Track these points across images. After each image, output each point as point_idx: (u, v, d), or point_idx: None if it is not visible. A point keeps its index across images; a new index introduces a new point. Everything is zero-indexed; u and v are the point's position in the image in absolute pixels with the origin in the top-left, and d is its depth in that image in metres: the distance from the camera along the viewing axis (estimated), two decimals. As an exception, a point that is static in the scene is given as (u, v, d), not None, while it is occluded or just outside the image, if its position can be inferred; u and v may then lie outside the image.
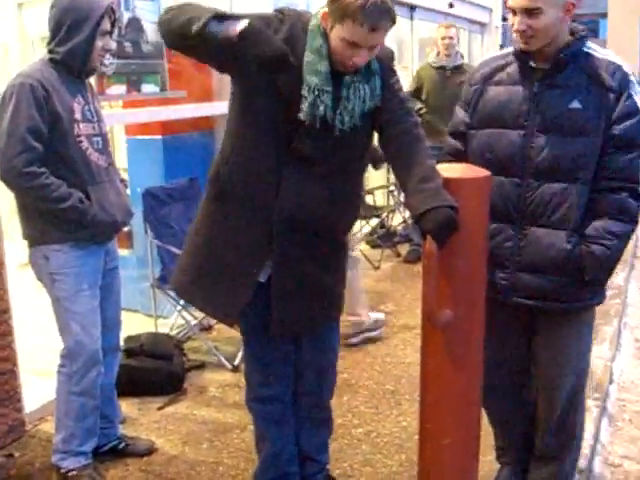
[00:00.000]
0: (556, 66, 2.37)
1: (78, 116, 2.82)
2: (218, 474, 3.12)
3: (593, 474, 3.22)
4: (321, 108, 2.18)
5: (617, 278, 5.76)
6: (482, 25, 11.58)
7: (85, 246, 2.88)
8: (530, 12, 2.28)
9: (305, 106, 2.19)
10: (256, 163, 2.30)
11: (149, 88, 4.22)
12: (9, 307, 3.37)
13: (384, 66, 2.31)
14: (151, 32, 4.20)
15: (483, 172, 2.24)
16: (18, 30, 6.05)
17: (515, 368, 2.71)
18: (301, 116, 2.19)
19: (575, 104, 2.34)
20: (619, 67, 2.36)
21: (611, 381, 4.12)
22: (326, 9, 2.16)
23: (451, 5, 9.47)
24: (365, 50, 2.13)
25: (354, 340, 4.53)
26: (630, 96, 2.33)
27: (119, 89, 4.03)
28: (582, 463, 3.07)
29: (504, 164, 2.41)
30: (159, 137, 4.68)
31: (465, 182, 2.16)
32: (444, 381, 2.30)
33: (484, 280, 2.28)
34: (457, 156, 2.57)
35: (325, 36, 2.18)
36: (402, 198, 5.71)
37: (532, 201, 2.41)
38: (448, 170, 2.21)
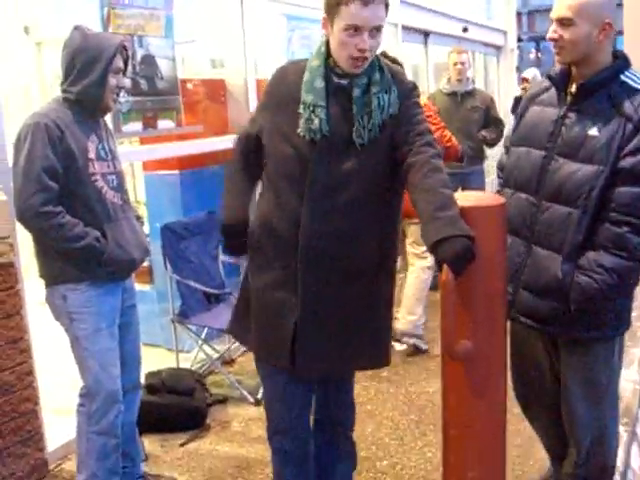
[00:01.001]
0: (582, 91, 2.39)
1: (92, 155, 2.84)
2: (242, 512, 3.09)
3: (624, 502, 3.15)
4: (315, 121, 2.25)
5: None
6: (497, 48, 11.59)
7: (103, 285, 2.88)
8: (563, 22, 2.34)
9: (302, 122, 2.27)
10: (280, 204, 2.35)
11: (165, 124, 4.25)
12: (30, 346, 3.37)
13: (402, 95, 2.33)
14: (165, 68, 4.24)
15: (498, 200, 2.21)
16: (37, 70, 6.13)
17: (539, 386, 2.74)
18: (299, 132, 2.27)
19: (593, 131, 2.35)
20: None
21: (640, 405, 4.04)
22: (324, 16, 2.26)
23: (465, 29, 9.50)
24: (366, 33, 2.17)
25: (403, 340, 4.86)
26: None
27: (135, 126, 4.06)
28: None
29: (524, 182, 2.51)
30: (176, 172, 4.70)
31: (481, 210, 2.13)
32: (466, 414, 2.25)
33: (504, 309, 2.24)
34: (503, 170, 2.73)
35: (325, 55, 2.30)
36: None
37: (541, 221, 2.47)
38: (464, 199, 2.18)
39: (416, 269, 4.94)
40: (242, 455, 3.56)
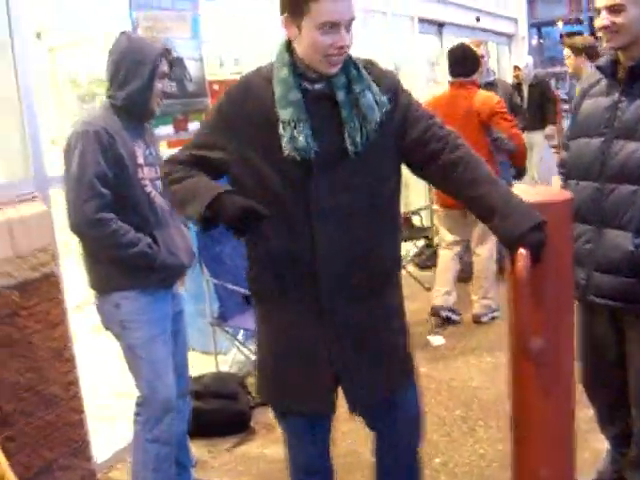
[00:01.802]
0: (633, 74, 2.47)
1: (141, 160, 2.81)
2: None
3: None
4: (301, 139, 1.99)
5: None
6: (509, 36, 11.52)
7: (154, 292, 2.85)
8: (613, 9, 2.41)
9: (285, 142, 2.00)
10: (281, 241, 2.12)
11: (196, 126, 4.21)
12: (74, 356, 3.35)
13: (389, 88, 2.12)
14: (194, 70, 4.21)
15: (564, 194, 2.17)
16: (50, 74, 6.12)
17: (604, 365, 2.79)
18: (286, 154, 2.00)
19: None
20: None
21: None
22: (285, 15, 2.01)
23: (478, 19, 9.46)
24: (343, 28, 1.95)
25: (485, 319, 5.25)
26: None
27: (166, 129, 4.03)
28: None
29: (586, 171, 2.58)
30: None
31: (551, 206, 2.08)
32: (538, 411, 2.21)
33: (572, 305, 2.21)
34: (564, 167, 2.80)
35: (290, 62, 2.04)
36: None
37: (607, 204, 2.53)
38: (532, 194, 2.14)
39: (482, 250, 5.32)
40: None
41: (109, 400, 4.26)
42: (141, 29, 3.82)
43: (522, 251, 1.98)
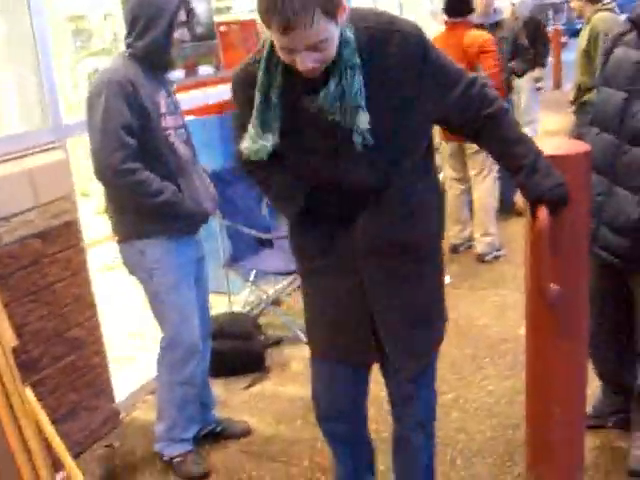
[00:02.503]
0: None
1: (164, 109, 2.84)
2: (317, 450, 3.18)
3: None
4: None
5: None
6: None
7: (179, 238, 2.91)
8: None
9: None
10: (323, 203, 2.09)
11: (205, 70, 4.22)
12: (94, 302, 3.44)
13: (417, 60, 1.94)
14: (201, 13, 4.19)
15: (584, 146, 2.22)
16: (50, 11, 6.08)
17: (606, 313, 2.86)
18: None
19: None
20: None
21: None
22: None
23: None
24: (300, 54, 1.76)
25: (488, 257, 5.40)
26: None
27: (177, 73, 4.03)
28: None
29: (608, 123, 2.57)
30: (217, 117, 4.67)
31: (570, 158, 2.14)
32: (552, 353, 2.31)
33: (587, 255, 2.28)
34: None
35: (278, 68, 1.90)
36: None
37: (621, 162, 2.53)
38: (550, 146, 2.19)
39: (481, 186, 5.42)
40: (307, 396, 3.62)
41: (123, 340, 4.36)
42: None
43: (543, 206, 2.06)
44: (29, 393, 2.49)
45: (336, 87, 1.84)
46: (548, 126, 9.14)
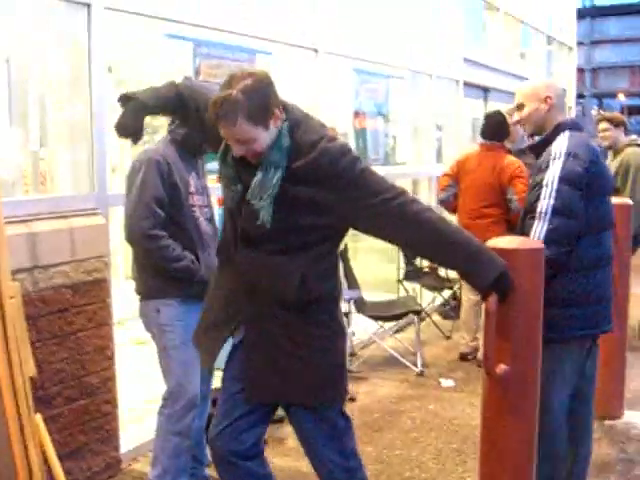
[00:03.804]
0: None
1: (193, 189, 3.28)
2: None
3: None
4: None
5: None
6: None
7: (191, 302, 3.27)
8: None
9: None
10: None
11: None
12: (114, 354, 3.79)
13: (323, 173, 2.36)
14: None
15: (537, 244, 2.55)
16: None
17: None
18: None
19: None
20: None
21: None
22: None
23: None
24: (237, 143, 2.32)
25: (469, 357, 5.78)
26: None
27: (213, 165, 4.49)
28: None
29: None
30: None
31: (521, 252, 2.47)
32: (501, 430, 2.58)
33: (538, 340, 2.57)
34: None
35: None
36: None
37: None
38: (505, 242, 2.53)
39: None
40: (296, 467, 3.89)
41: (139, 404, 4.67)
42: (203, 75, 4.33)
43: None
44: (39, 420, 2.83)
45: (261, 179, 2.34)
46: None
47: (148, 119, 6.81)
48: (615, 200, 4.58)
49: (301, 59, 5.37)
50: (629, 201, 4.65)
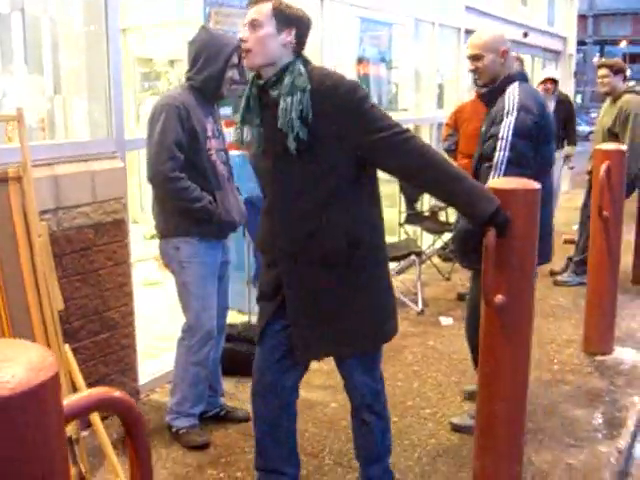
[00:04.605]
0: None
1: (210, 133, 3.45)
2: (305, 439, 3.65)
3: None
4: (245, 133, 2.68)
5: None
6: (556, 53, 11.96)
7: (209, 240, 3.48)
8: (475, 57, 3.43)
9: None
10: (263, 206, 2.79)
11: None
12: (132, 291, 4.00)
13: (325, 95, 2.52)
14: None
15: (531, 184, 2.74)
16: (124, 52, 6.81)
17: None
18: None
19: None
20: None
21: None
22: None
23: (525, 34, 9.93)
24: (247, 26, 2.55)
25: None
26: None
27: (226, 110, 4.65)
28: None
29: None
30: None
31: (518, 192, 2.66)
32: (499, 354, 2.80)
33: (532, 273, 2.77)
34: None
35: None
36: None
37: None
38: (504, 183, 2.72)
39: None
40: (306, 397, 4.09)
41: (155, 341, 4.91)
42: (212, 22, 4.46)
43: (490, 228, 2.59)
44: (67, 349, 3.05)
45: (290, 102, 2.49)
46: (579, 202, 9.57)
47: (150, 67, 6.94)
48: (609, 146, 4.82)
49: (307, 6, 5.46)
50: (623, 147, 4.82)
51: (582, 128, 24.43)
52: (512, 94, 3.26)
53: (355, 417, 2.95)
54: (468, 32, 8.03)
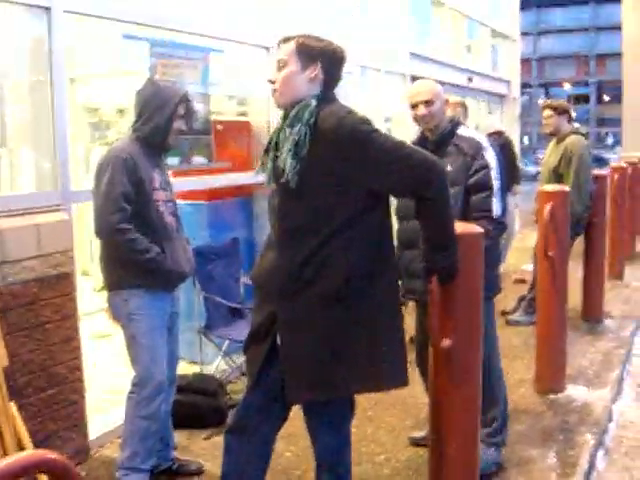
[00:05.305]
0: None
1: (157, 184, 3.45)
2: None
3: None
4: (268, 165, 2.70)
5: (624, 331, 6.24)
6: (501, 96, 12.26)
7: (157, 292, 3.46)
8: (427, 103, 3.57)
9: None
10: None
11: (198, 160, 4.85)
12: (80, 345, 3.94)
13: (338, 138, 2.50)
14: (200, 110, 4.86)
15: (477, 228, 2.79)
16: (70, 102, 6.78)
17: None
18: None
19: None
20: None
21: (610, 420, 4.55)
22: None
23: (470, 79, 10.17)
24: (275, 66, 2.66)
25: None
26: None
27: (173, 160, 4.66)
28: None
29: None
30: (204, 202, 5.30)
31: (467, 237, 2.70)
32: (448, 397, 2.81)
33: (479, 315, 2.80)
34: None
35: None
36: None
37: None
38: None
39: None
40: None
41: (105, 395, 4.82)
42: (159, 73, 4.48)
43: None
44: (13, 406, 2.98)
45: (288, 132, 2.55)
46: (530, 243, 9.74)
47: (99, 117, 6.90)
48: (553, 187, 4.92)
49: (253, 56, 5.53)
50: (566, 188, 4.93)
51: (530, 168, 25.03)
52: (473, 134, 3.63)
53: (317, 475, 2.93)
54: (414, 78, 8.21)
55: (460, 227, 2.79)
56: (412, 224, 2.99)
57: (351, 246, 2.55)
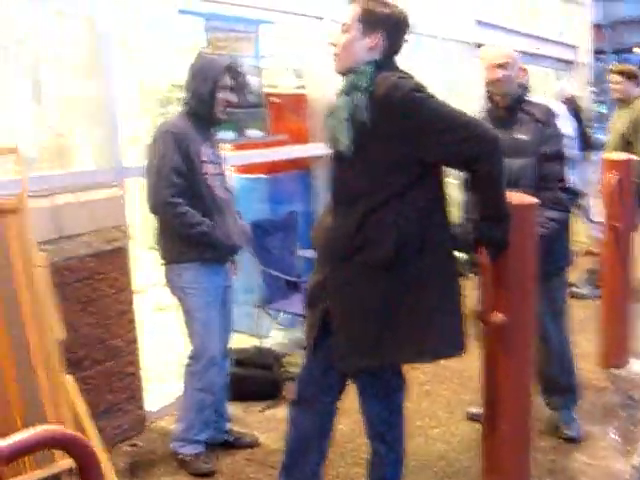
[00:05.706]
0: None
1: (206, 158, 3.45)
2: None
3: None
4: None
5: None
6: (569, 63, 11.87)
7: (210, 265, 3.47)
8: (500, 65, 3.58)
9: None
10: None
11: (254, 133, 4.83)
12: (134, 318, 3.99)
13: (392, 103, 2.45)
14: (254, 83, 4.83)
15: (528, 199, 2.69)
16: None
17: None
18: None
19: None
20: None
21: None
22: None
23: (537, 48, 9.87)
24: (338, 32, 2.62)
25: None
26: None
27: (227, 134, 4.65)
28: None
29: None
30: (263, 176, 5.30)
31: (519, 208, 2.61)
32: (500, 374, 2.75)
33: (533, 290, 2.71)
34: None
35: None
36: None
37: None
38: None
39: None
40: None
41: (162, 367, 4.89)
42: (212, 48, 4.47)
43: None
44: (71, 381, 3.03)
45: (344, 100, 2.52)
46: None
47: (160, 93, 6.95)
48: (618, 155, 4.74)
49: (305, 27, 5.45)
50: (633, 157, 4.74)
51: (602, 137, 24.18)
52: (544, 101, 3.61)
53: (370, 444, 2.92)
54: (480, 46, 8.01)
55: (514, 197, 2.70)
56: None
57: (402, 215, 2.50)
